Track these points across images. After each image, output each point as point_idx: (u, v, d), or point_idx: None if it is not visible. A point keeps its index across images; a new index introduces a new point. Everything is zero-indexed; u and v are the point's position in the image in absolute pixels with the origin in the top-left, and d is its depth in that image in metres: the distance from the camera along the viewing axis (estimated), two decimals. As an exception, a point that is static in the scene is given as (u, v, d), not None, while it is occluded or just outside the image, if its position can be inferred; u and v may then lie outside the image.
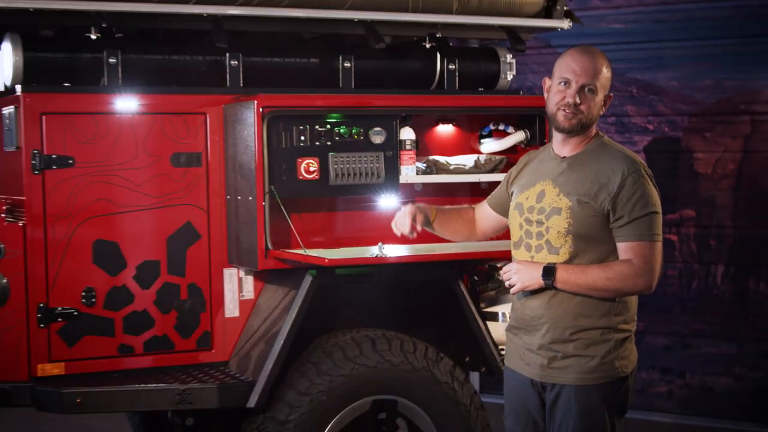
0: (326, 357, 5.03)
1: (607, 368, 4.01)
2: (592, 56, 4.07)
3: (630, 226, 3.93)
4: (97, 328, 5.03)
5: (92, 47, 5.13)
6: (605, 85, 4.07)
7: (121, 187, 5.06)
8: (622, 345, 4.06)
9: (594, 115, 4.05)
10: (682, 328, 8.08)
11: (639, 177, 3.95)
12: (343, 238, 5.32)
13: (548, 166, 4.17)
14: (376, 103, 5.36)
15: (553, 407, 4.08)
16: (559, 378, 4.04)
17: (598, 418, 4.03)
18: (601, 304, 4.00)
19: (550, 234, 4.03)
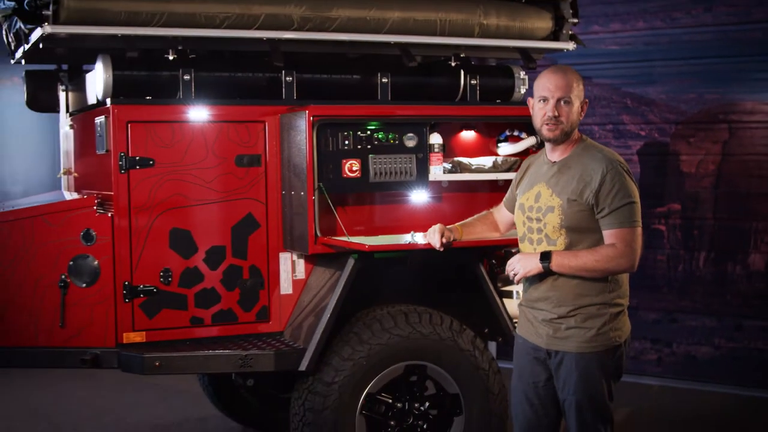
0: (366, 328, 5.05)
1: (603, 338, 4.04)
2: (563, 73, 4.13)
3: (611, 215, 3.97)
4: (172, 302, 5.07)
5: (170, 66, 5.14)
6: (578, 95, 4.12)
7: (193, 183, 5.08)
8: (616, 318, 4.08)
9: (573, 122, 4.11)
10: (669, 305, 8.06)
11: (616, 173, 4.00)
12: (381, 227, 5.32)
13: (542, 170, 4.23)
14: (409, 113, 5.36)
15: (558, 371, 4.11)
16: (562, 346, 4.08)
17: (596, 381, 4.06)
18: (597, 284, 4.03)
19: (547, 228, 4.10)
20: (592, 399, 4.07)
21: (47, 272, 4.96)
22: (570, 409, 4.12)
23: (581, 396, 4.07)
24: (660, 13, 8.06)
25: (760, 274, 7.73)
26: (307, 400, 4.99)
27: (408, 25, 5.41)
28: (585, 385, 4.06)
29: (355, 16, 5.30)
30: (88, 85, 5.71)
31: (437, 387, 5.25)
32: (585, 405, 4.08)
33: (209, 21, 5.04)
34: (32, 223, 4.97)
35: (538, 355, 4.19)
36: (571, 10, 5.78)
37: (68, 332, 4.96)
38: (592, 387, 4.07)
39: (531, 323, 4.22)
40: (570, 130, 4.11)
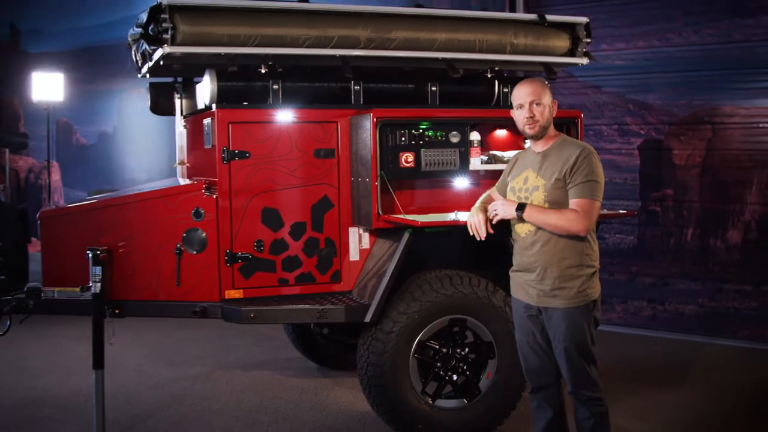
0: (418, 288, 5.01)
1: (582, 295, 4.09)
2: (532, 83, 4.22)
3: (577, 187, 4.03)
4: (264, 267, 5.07)
5: (262, 78, 5.16)
6: (547, 97, 4.19)
7: (280, 172, 5.08)
8: (591, 278, 4.12)
9: (547, 118, 4.18)
10: (663, 272, 8.01)
11: (586, 156, 4.06)
12: (430, 207, 5.26)
13: (529, 159, 4.28)
14: (453, 115, 5.30)
15: (549, 324, 4.17)
16: (550, 303, 4.13)
17: (580, 330, 4.11)
18: (576, 248, 4.08)
19: (534, 203, 4.15)
20: (579, 344, 4.11)
21: (166, 242, 4.99)
22: (561, 355, 4.15)
23: (569, 343, 4.10)
24: (657, 35, 8.02)
25: (736, 247, 7.68)
26: (371, 345, 4.98)
27: (453, 44, 5.35)
28: (572, 334, 4.09)
29: (410, 37, 5.25)
30: (197, 94, 5.73)
31: (475, 336, 5.21)
32: (573, 350, 4.11)
33: (293, 41, 5.01)
34: (155, 203, 5.03)
35: (531, 312, 4.24)
36: (584, 31, 5.69)
37: (182, 289, 5.00)
38: (577, 335, 4.10)
39: (522, 286, 4.27)
40: (546, 125, 4.19)
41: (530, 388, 4.40)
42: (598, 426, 4.18)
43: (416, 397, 5.01)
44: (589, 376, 4.14)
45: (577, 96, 8.38)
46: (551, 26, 5.61)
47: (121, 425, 5.55)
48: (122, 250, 5.02)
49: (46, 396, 6.17)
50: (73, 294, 5.07)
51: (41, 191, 14.14)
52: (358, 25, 5.13)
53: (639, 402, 5.93)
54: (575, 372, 4.14)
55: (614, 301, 8.24)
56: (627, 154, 8.17)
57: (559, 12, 6.07)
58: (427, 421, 5.02)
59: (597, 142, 8.27)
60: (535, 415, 4.43)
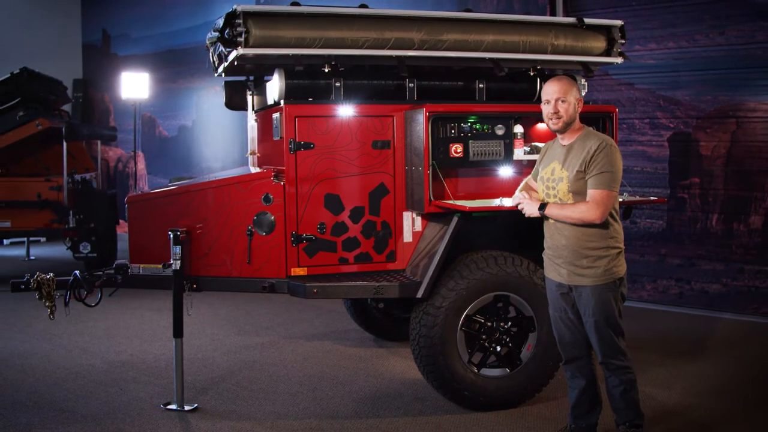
0: (465, 267, 4.95)
1: (609, 273, 4.07)
2: (559, 81, 4.17)
3: (593, 178, 4.00)
4: (326, 247, 5.05)
5: (326, 76, 5.12)
6: (573, 95, 4.13)
7: (341, 161, 5.04)
8: (616, 258, 4.10)
9: (571, 115, 4.12)
10: (690, 253, 7.88)
11: (605, 148, 4.00)
12: (477, 194, 5.19)
13: (556, 151, 4.24)
14: (498, 110, 5.22)
15: (579, 301, 4.16)
16: (580, 281, 4.12)
17: (608, 305, 4.09)
18: (600, 231, 4.05)
19: (560, 193, 4.13)
20: (608, 318, 4.09)
21: (239, 223, 4.99)
22: (591, 328, 4.15)
23: (599, 317, 4.09)
24: (685, 36, 7.85)
25: (758, 231, 7.52)
26: (422, 318, 4.93)
27: (498, 45, 5.26)
28: (601, 309, 4.08)
29: (460, 39, 5.17)
30: (267, 91, 5.70)
31: (517, 311, 5.14)
32: (602, 323, 4.10)
33: (354, 43, 4.97)
34: (229, 189, 5.03)
35: (562, 290, 4.23)
36: (619, 33, 5.56)
37: (253, 267, 4.99)
38: (606, 310, 4.08)
39: (553, 266, 4.26)
40: (570, 121, 4.13)
41: (564, 359, 4.40)
42: (627, 392, 4.18)
43: (463, 366, 4.95)
44: (617, 347, 4.13)
45: (612, 92, 8.25)
46: (589, 28, 5.49)
47: (198, 387, 5.57)
48: (199, 231, 5.03)
49: (133, 360, 6.23)
50: (156, 270, 5.11)
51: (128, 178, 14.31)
52: (413, 28, 5.07)
53: (665, 372, 5.83)
54: (604, 343, 4.12)
55: (645, 280, 8.11)
56: (657, 145, 8.03)
57: (595, 15, 6.01)
58: (472, 388, 4.98)
59: (630, 134, 8.14)
60: (569, 384, 4.43)
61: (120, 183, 14.57)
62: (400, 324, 6.42)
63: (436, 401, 5.22)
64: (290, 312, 7.77)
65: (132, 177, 13.64)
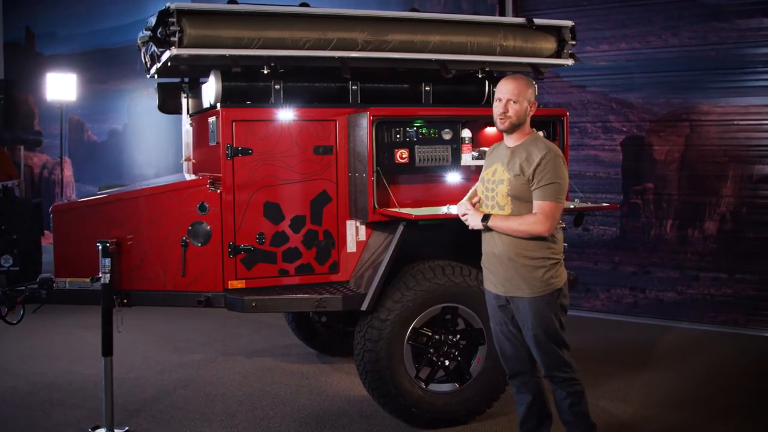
0: (412, 278, 4.98)
1: (547, 284, 4.08)
2: (515, 80, 4.16)
3: (539, 190, 4.02)
4: (265, 258, 5.03)
5: (265, 78, 5.12)
6: (527, 97, 4.13)
7: (281, 167, 5.03)
8: (554, 268, 4.10)
9: (521, 117, 4.13)
10: (644, 261, 8.03)
11: (551, 158, 4.02)
12: (424, 201, 5.23)
13: (501, 153, 4.25)
14: (446, 113, 5.26)
15: (518, 314, 4.18)
16: (517, 293, 4.13)
17: (547, 317, 4.10)
18: (537, 244, 4.07)
19: (498, 196, 4.15)
20: (548, 330, 4.11)
21: (172, 234, 4.96)
22: (531, 341, 4.16)
23: (538, 330, 4.11)
24: (638, 37, 8.01)
25: (712, 237, 7.69)
26: (367, 332, 4.94)
27: (445, 46, 5.30)
28: (540, 322, 4.10)
29: (405, 39, 5.21)
30: (203, 94, 5.69)
31: (466, 323, 5.18)
32: (542, 336, 4.12)
33: (294, 43, 4.98)
34: (162, 197, 5.00)
35: (500, 302, 4.24)
36: (570, 34, 5.65)
37: (188, 280, 4.96)
38: (545, 322, 4.10)
39: (490, 277, 4.27)
40: (518, 123, 4.13)
41: (508, 374, 4.41)
42: (576, 405, 4.21)
43: (410, 381, 4.97)
44: (560, 359, 4.16)
45: (563, 95, 8.37)
46: (539, 29, 5.56)
47: (129, 409, 5.51)
48: (130, 243, 4.98)
49: (58, 382, 6.13)
50: (84, 284, 5.03)
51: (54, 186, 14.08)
52: (356, 28, 5.09)
53: (620, 384, 5.91)
54: (546, 356, 4.15)
55: (598, 288, 8.24)
56: (610, 149, 8.17)
57: (546, 15, 6.09)
58: (420, 405, 5.00)
59: (582, 138, 8.26)
60: (516, 399, 4.45)
61: (45, 191, 14.32)
62: (344, 338, 6.40)
63: (383, 419, 5.24)
64: (228, 327, 7.73)
65: (58, 185, 13.43)
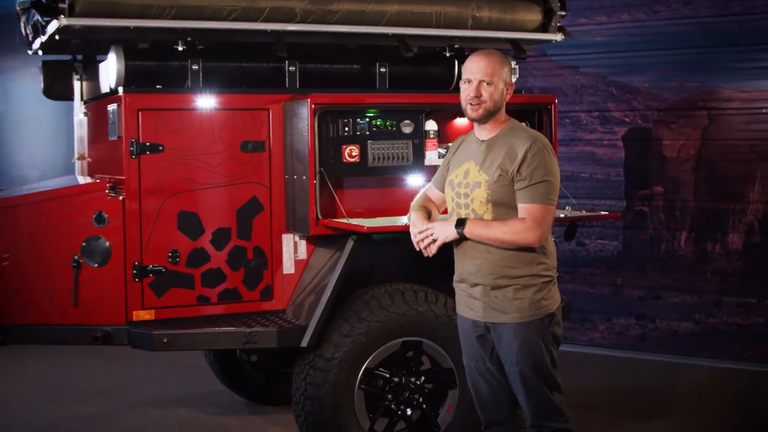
0: (365, 306, 5.01)
1: (536, 308, 4.05)
2: (487, 56, 4.14)
3: (526, 190, 3.98)
4: (180, 282, 5.02)
5: (179, 56, 5.11)
6: (502, 77, 4.11)
7: (201, 168, 5.04)
8: (546, 287, 4.08)
9: (497, 102, 4.10)
10: (653, 283, 8.07)
11: (538, 150, 4.00)
12: (379, 210, 5.26)
13: (472, 148, 4.22)
14: (405, 101, 5.30)
15: (499, 344, 4.12)
16: (498, 318, 4.08)
17: (536, 349, 4.06)
18: (525, 257, 4.04)
19: (474, 203, 4.09)
20: (535, 366, 4.07)
21: (61, 253, 4.92)
22: (516, 380, 4.12)
23: (525, 366, 4.06)
24: (643, 6, 8.07)
25: (738, 253, 7.74)
26: (308, 374, 4.95)
27: (405, 17, 5.34)
28: (527, 355, 4.05)
29: (355, 9, 5.24)
30: (101, 75, 5.66)
31: (432, 362, 5.21)
32: (529, 374, 4.07)
33: (217, 13, 4.98)
34: (48, 205, 4.95)
35: (478, 330, 4.19)
36: (559, 3, 5.72)
37: (81, 310, 4.93)
38: (534, 356, 4.06)
39: (466, 299, 4.22)
40: (493, 109, 4.11)
41: (483, 424, 4.36)
42: None
43: (363, 435, 5.00)
44: (551, 404, 4.12)
45: (551, 78, 8.42)
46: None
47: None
48: (7, 263, 4.94)
49: None
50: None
51: None
52: (294, -6, 5.13)
53: (625, 437, 5.96)
54: (534, 400, 4.11)
55: (596, 318, 8.28)
56: (609, 145, 8.24)
57: (529, -20, 6.08)
58: (376, 465, 5.03)
59: (574, 131, 8.32)
60: (492, 457, 4.40)
61: None
62: (280, 382, 6.37)
63: (329, 483, 5.24)
64: (133, 370, 7.68)
65: None
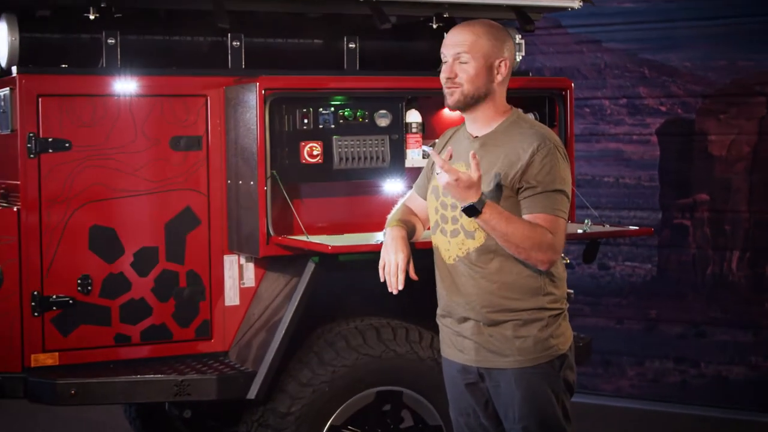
0: (329, 347, 4.91)
1: (542, 347, 3.97)
2: (466, 27, 4.04)
3: (534, 199, 3.88)
4: (92, 316, 4.90)
5: (90, 28, 5.01)
6: (486, 52, 3.96)
7: (119, 171, 4.93)
8: (555, 322, 4.01)
9: (480, 84, 3.97)
10: (696, 316, 8.05)
11: (549, 152, 3.89)
12: (347, 224, 5.17)
13: (463, 146, 4.10)
14: (381, 85, 5.23)
15: (497, 394, 4.06)
16: (496, 362, 3.99)
17: (543, 398, 3.99)
18: (529, 285, 3.95)
19: (464, 218, 3.92)
20: (544, 422, 4.00)
21: (-65, 278, 4.88)
22: None
23: (529, 421, 3.99)
24: (683, -35, 8.14)
25: (804, 279, 7.80)
26: (258, 435, 4.91)
27: (380, -22, 5.32)
28: (531, 407, 3.99)
29: (317, -33, 5.22)
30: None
31: (415, 418, 5.13)
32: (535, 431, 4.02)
33: (138, -28, 4.97)
34: None
35: (469, 378, 4.12)
36: (577, -41, 5.72)
37: (-38, 353, 4.88)
38: (540, 409, 3.99)
39: (453, 339, 4.14)
40: (474, 94, 3.97)
41: None
42: None
43: None
44: None
45: (567, 56, 8.46)
46: (527, -49, 5.64)
47: None
48: None
49: None
50: None
51: None
52: (238, -50, 5.11)
53: None
54: None
55: (624, 361, 8.26)
56: (641, 141, 8.22)
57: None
58: None
59: (596, 123, 8.33)
60: None
61: None
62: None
63: None
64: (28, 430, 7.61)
65: None
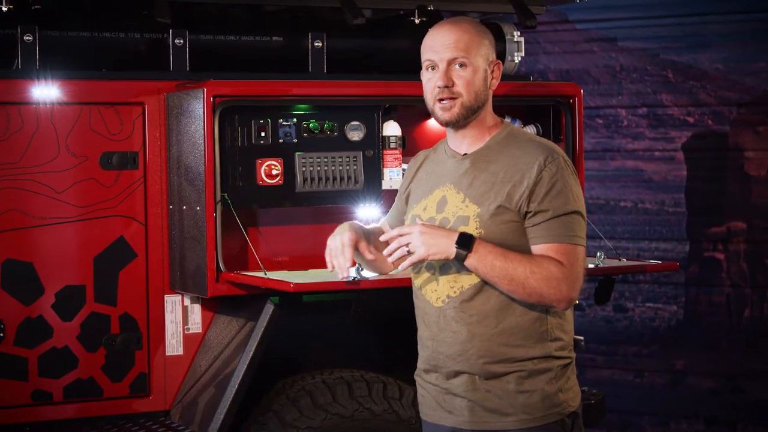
0: (291, 405, 5.01)
1: (551, 403, 3.98)
2: (454, 25, 4.06)
3: (547, 225, 3.88)
4: (5, 370, 4.99)
5: (3, 22, 5.07)
6: (483, 53, 4.02)
7: (39, 194, 5.04)
8: (564, 374, 4.03)
9: (478, 92, 3.99)
10: (732, 368, 8.11)
11: (558, 169, 3.90)
12: (313, 258, 5.15)
13: (446, 167, 4.12)
14: (353, 92, 5.34)
15: None
16: (496, 423, 3.99)
17: None
18: (533, 329, 3.94)
19: None
20: None
21: None
22: None
23: None
24: (714, -51, 8.18)
25: None
26: None
27: (352, -36, 5.40)
28: None
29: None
30: None
31: (396, 493, 5.24)
32: None
33: (61, -43, 5.05)
34: None
35: None
36: (587, -56, 5.81)
37: None
38: None
39: (439, 398, 4.11)
40: (475, 104, 4.00)
41: None
42: None
43: None
44: None
45: (575, 56, 8.52)
46: (528, -67, 5.72)
47: None
48: None
49: None
50: None
51: None
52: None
53: None
54: None
55: (645, 422, 8.32)
56: (664, 158, 8.31)
57: None
58: None
59: (611, 137, 8.40)
60: None
61: None
62: None
63: None
64: None
65: None
